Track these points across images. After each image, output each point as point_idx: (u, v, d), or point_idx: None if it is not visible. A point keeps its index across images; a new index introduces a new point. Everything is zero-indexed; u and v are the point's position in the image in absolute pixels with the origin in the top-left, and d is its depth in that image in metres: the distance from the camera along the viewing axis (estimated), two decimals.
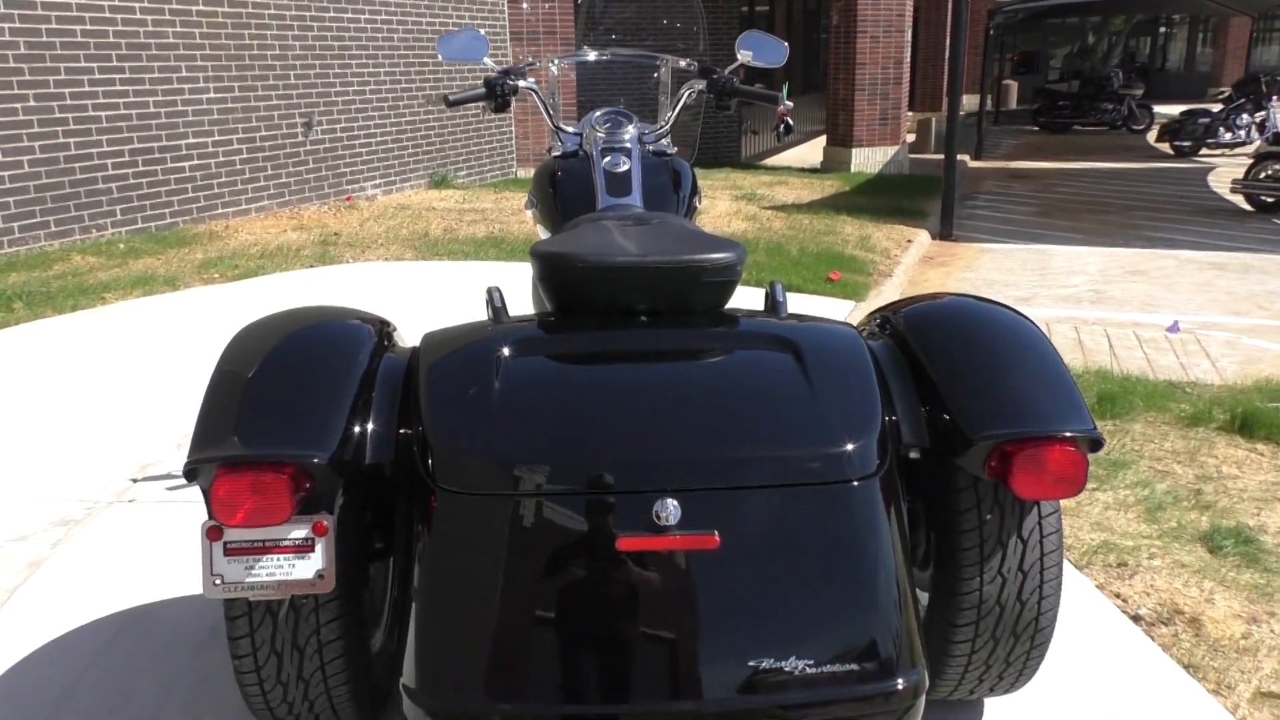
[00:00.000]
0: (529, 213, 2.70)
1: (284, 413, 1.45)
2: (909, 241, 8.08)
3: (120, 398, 3.77)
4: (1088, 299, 6.48)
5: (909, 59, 12.87)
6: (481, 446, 1.40)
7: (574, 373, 1.53)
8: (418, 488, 1.45)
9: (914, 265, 7.54)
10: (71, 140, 6.53)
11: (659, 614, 1.34)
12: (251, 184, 7.99)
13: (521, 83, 2.59)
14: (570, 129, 2.69)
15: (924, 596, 1.73)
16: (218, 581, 1.41)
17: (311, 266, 6.13)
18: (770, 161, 14.24)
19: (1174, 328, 5.46)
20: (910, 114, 14.21)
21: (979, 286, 6.89)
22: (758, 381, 1.51)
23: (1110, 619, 2.26)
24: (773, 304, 1.79)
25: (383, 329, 1.74)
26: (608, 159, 2.43)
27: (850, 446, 1.41)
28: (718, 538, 1.34)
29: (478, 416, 1.43)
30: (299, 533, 1.42)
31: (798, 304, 5.67)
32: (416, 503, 1.45)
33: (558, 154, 2.63)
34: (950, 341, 1.64)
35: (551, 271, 1.70)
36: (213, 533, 1.40)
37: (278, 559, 1.42)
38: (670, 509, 1.33)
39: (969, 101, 15.81)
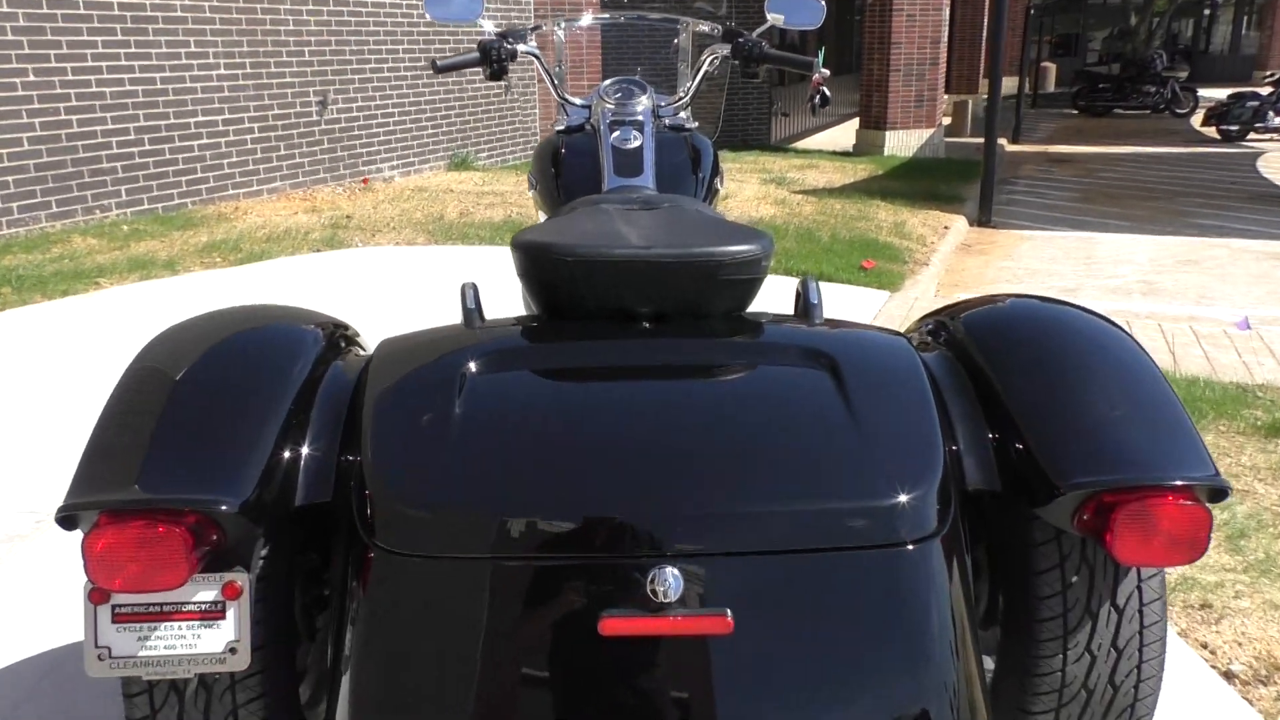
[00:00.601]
0: (530, 194, 2.40)
1: (190, 444, 1.15)
2: (946, 228, 7.72)
3: (95, 392, 3.50)
4: (1138, 290, 6.10)
5: (946, 39, 12.44)
6: (431, 494, 1.10)
7: (554, 396, 1.23)
8: (354, 540, 1.15)
9: (951, 253, 7.18)
10: (74, 117, 6.28)
11: (649, 715, 1.03)
12: (264, 164, 7.73)
13: (521, 46, 2.29)
14: (578, 101, 2.38)
15: (987, 661, 1.42)
16: (103, 656, 1.12)
17: (318, 250, 5.85)
18: (801, 144, 13.84)
19: (1243, 324, 5.06)
20: (945, 96, 13.75)
21: (1020, 276, 6.52)
22: (786, 410, 1.20)
23: (1198, 676, 1.94)
24: (805, 306, 1.48)
25: (334, 334, 1.44)
26: (617, 133, 2.12)
27: (904, 499, 1.10)
28: (730, 619, 1.03)
29: (429, 453, 1.13)
30: (205, 595, 1.12)
31: (829, 296, 5.35)
32: (352, 558, 1.15)
33: (561, 128, 2.33)
34: (1028, 358, 1.32)
35: (534, 266, 1.40)
36: (95, 595, 1.11)
37: (179, 628, 1.13)
38: (670, 581, 1.03)
39: (1007, 84, 15.34)
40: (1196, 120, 16.34)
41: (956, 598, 1.12)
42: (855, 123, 13.05)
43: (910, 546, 1.09)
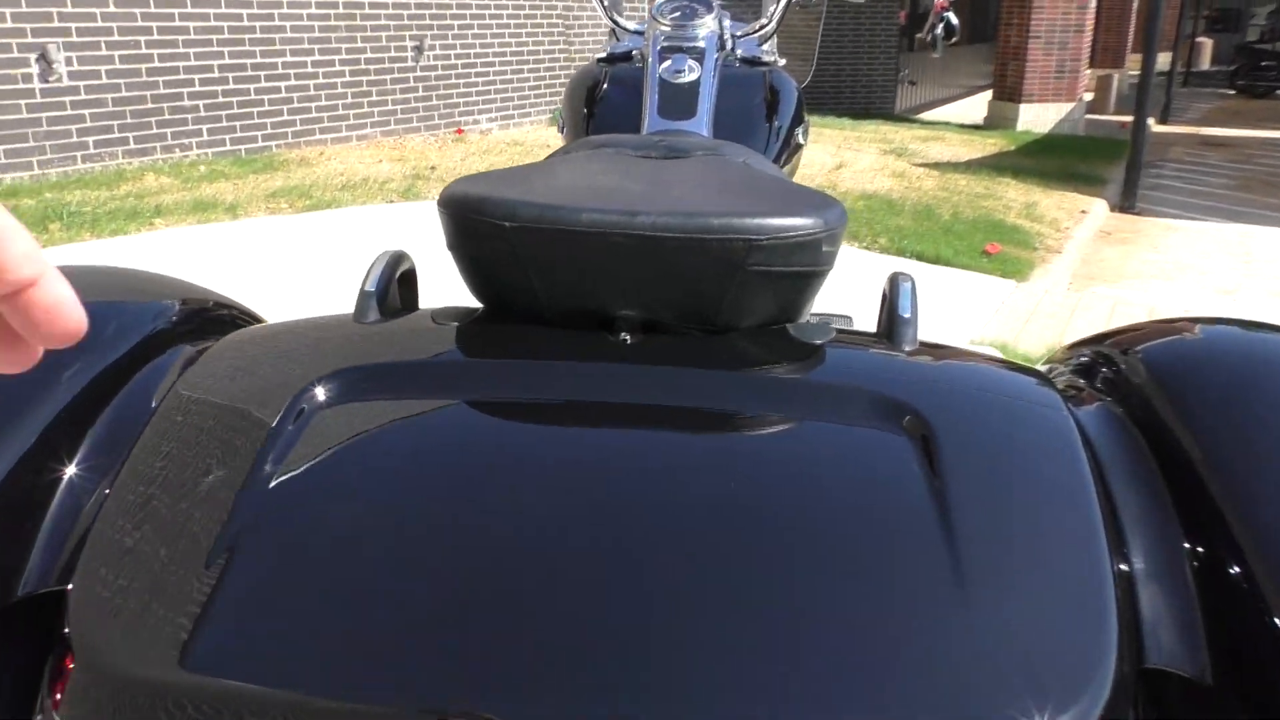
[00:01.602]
0: (561, 139, 1.91)
1: None
2: (1083, 212, 6.95)
3: None
4: None
5: (1094, 5, 11.43)
6: (133, 606, 0.64)
7: (421, 489, 0.74)
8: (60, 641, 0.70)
9: (1088, 241, 6.43)
10: (155, 52, 6.02)
11: None
12: (354, 109, 7.41)
13: None
14: (632, 25, 1.89)
15: None
16: None
17: (391, 202, 5.48)
18: (928, 115, 12.99)
19: None
20: (1088, 71, 12.71)
21: (1167, 270, 5.76)
22: (841, 525, 0.70)
23: None
24: (891, 319, 0.96)
25: (180, 325, 0.99)
26: (668, 63, 1.62)
27: (1047, 713, 0.59)
28: None
29: (180, 560, 0.67)
30: None
31: (944, 284, 4.74)
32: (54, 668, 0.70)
33: (603, 56, 1.83)
34: (1271, 436, 0.79)
35: (461, 234, 0.93)
36: None
37: None
38: None
39: (1158, 60, 14.12)
40: None
41: None
42: (987, 95, 12.16)
43: None
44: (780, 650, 0.61)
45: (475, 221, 0.92)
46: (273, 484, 0.73)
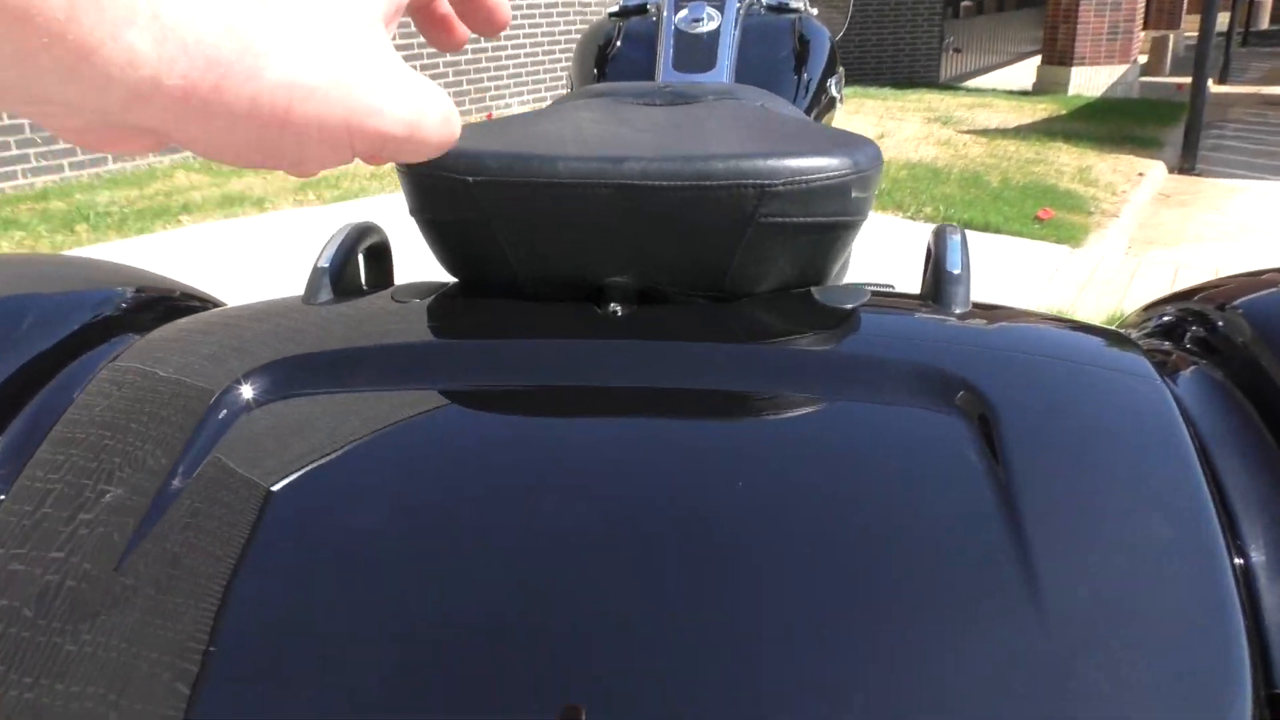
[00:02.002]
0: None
1: None
2: (1140, 175, 6.66)
3: None
4: None
5: None
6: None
7: (386, 508, 0.61)
8: None
9: (1146, 204, 6.15)
10: None
11: None
12: None
13: None
14: None
15: None
16: None
17: None
18: (974, 83, 12.63)
19: None
20: (1141, 32, 12.26)
21: (1230, 232, 5.48)
22: (884, 530, 0.56)
23: None
24: (938, 278, 0.80)
25: (123, 315, 0.87)
26: (684, 12, 1.47)
27: None
28: None
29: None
30: None
31: (994, 253, 4.52)
32: None
33: (615, 9, 1.68)
34: None
35: (420, 194, 0.79)
36: None
37: None
38: None
39: (1216, 19, 13.61)
40: None
41: None
42: (1036, 61, 11.78)
43: None
44: (824, 681, 0.47)
45: (435, 179, 0.78)
46: (181, 490, 0.59)
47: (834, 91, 1.60)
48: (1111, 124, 8.60)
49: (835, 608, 0.50)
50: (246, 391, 0.67)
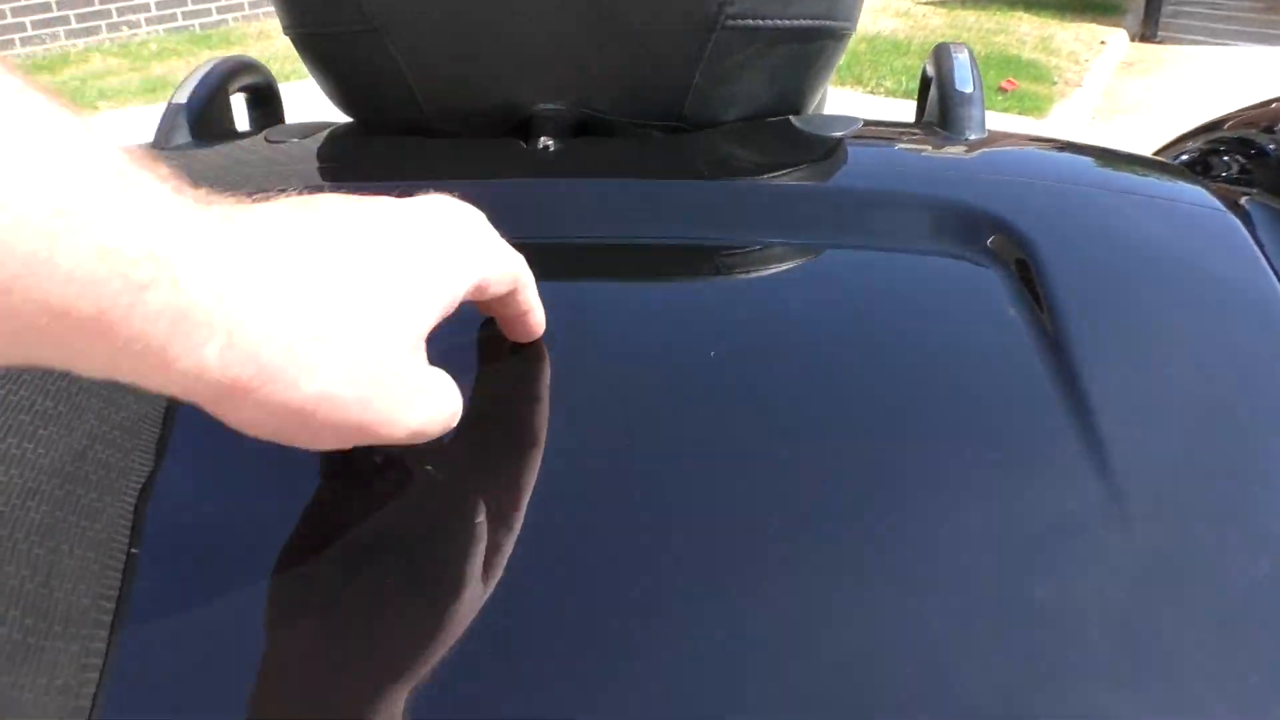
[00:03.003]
0: None
1: None
2: (1102, 43, 6.49)
3: None
4: None
5: None
6: None
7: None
8: None
9: (1109, 73, 6.00)
10: None
11: None
12: None
13: None
14: None
15: None
16: None
17: None
18: None
19: None
20: None
21: (1195, 99, 5.36)
22: (911, 404, 0.42)
23: None
24: (945, 100, 0.66)
25: None
26: None
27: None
28: None
29: None
30: None
31: None
32: None
33: None
34: None
35: (293, 6, 0.64)
36: None
37: None
38: None
39: None
40: None
41: None
42: None
43: None
44: (869, 568, 0.35)
45: None
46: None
47: None
48: None
49: (878, 490, 0.37)
50: None
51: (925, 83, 0.71)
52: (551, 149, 0.60)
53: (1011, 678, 0.32)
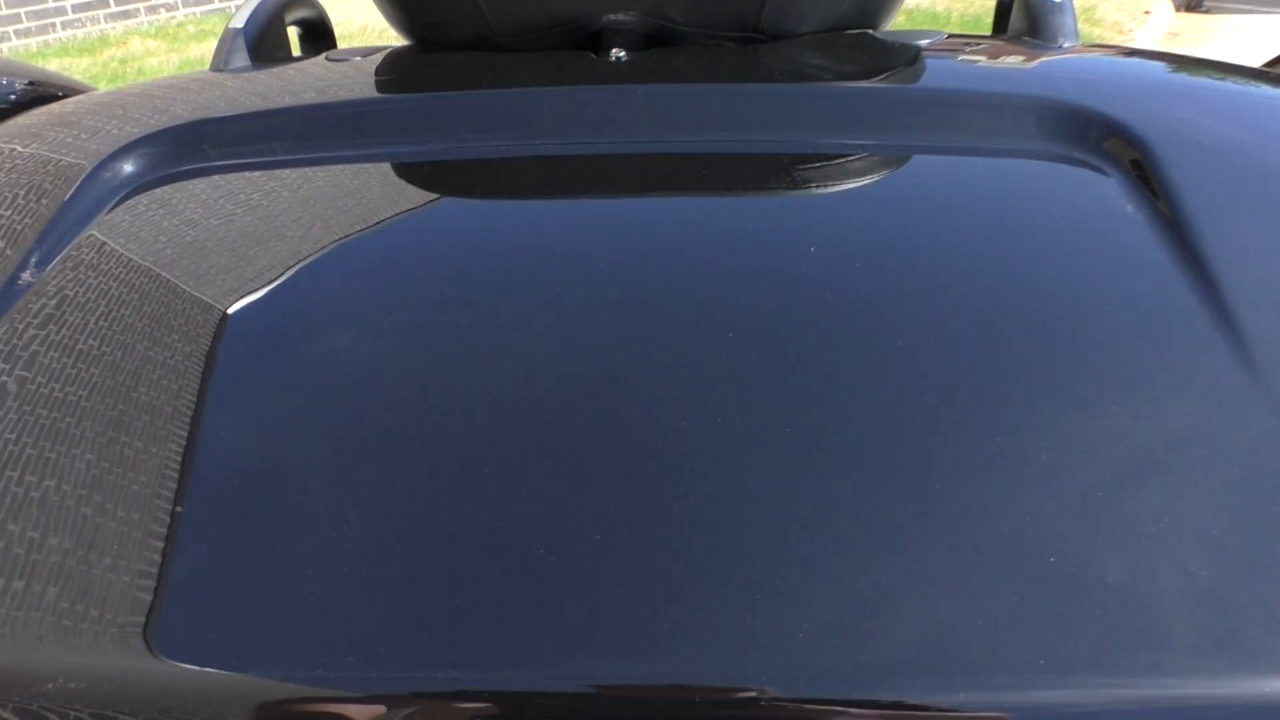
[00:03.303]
0: None
1: None
2: (1146, 13, 6.35)
3: None
4: None
5: None
6: None
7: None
8: None
9: (1153, 43, 5.89)
10: None
11: None
12: None
13: None
14: None
15: None
16: None
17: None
18: None
19: None
20: None
21: None
22: (1038, 304, 0.41)
23: None
24: (1034, 12, 0.64)
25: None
26: None
27: None
28: None
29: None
30: None
31: None
32: None
33: None
34: None
35: None
36: None
37: None
38: None
39: None
40: None
41: None
42: None
43: None
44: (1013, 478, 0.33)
45: None
46: (35, 283, 0.44)
47: None
48: None
49: (1018, 398, 0.36)
50: (128, 165, 0.51)
51: (1004, 3, 0.69)
52: (623, 60, 0.59)
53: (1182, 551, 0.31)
